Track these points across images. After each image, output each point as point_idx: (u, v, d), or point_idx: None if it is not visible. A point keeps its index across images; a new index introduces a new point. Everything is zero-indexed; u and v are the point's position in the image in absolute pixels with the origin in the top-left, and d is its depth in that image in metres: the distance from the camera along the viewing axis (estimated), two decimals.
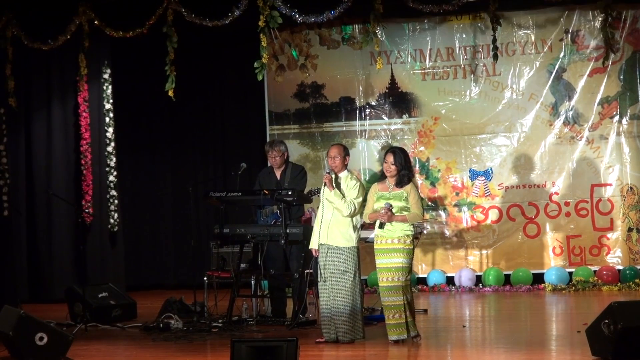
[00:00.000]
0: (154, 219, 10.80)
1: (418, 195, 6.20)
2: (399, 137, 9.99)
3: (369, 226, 6.86)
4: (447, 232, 9.88)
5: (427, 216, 9.75)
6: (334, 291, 6.25)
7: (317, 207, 6.59)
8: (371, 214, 6.25)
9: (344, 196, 6.28)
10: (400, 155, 6.19)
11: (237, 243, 7.50)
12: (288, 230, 7.00)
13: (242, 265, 7.50)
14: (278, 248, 7.24)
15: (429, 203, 9.84)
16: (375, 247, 6.27)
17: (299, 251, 7.08)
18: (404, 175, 6.16)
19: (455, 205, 9.85)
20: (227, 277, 7.64)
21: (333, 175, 6.33)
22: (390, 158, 6.18)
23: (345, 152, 6.43)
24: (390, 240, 6.15)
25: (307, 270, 7.00)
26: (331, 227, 6.27)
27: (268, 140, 9.91)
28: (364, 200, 6.42)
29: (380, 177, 6.26)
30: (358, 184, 6.37)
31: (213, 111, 10.74)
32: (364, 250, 6.58)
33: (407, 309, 6.10)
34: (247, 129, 10.61)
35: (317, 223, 6.42)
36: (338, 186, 6.32)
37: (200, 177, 10.56)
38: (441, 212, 9.83)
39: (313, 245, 6.46)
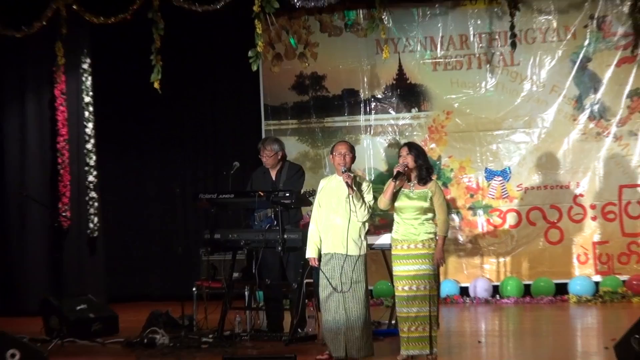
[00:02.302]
0: (137, 224, 10.79)
1: (443, 196, 6.20)
2: (407, 134, 9.98)
3: (375, 231, 6.83)
4: (461, 238, 9.86)
5: None
6: (348, 303, 6.21)
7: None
8: (385, 192, 6.16)
9: (363, 199, 6.26)
10: (415, 148, 6.22)
11: (230, 250, 7.47)
12: (286, 236, 6.96)
13: (235, 275, 7.47)
14: (274, 256, 7.21)
15: None
16: (393, 252, 6.23)
17: (297, 259, 7.03)
18: (422, 167, 6.16)
19: (470, 208, 9.84)
20: (218, 288, 7.61)
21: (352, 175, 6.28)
22: (405, 150, 6.20)
23: (354, 150, 6.43)
24: (414, 244, 6.12)
25: (307, 280, 6.96)
26: (345, 234, 6.24)
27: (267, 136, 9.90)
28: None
29: (395, 176, 6.21)
30: (370, 185, 6.39)
31: (203, 105, 10.73)
32: (369, 258, 6.54)
33: (432, 322, 6.07)
34: (240, 125, 10.60)
35: (317, 229, 6.38)
36: (357, 186, 6.29)
37: (189, 178, 10.57)
38: (454, 216, 9.80)
39: (312, 253, 6.42)
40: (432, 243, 6.11)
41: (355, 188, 6.23)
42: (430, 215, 6.14)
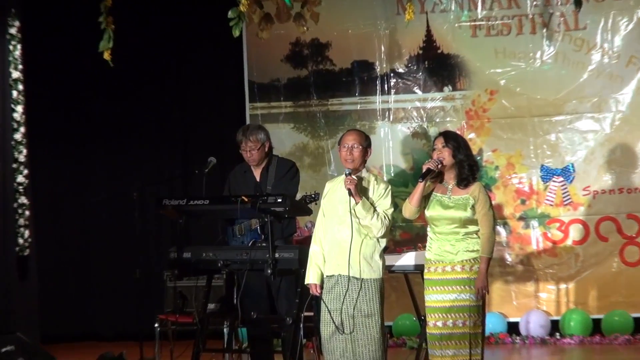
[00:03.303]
0: (82, 239, 10.83)
1: (489, 203, 6.20)
2: (438, 119, 10.02)
3: (396, 249, 6.80)
4: (509, 258, 9.88)
5: None
6: (357, 344, 6.21)
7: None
8: (412, 196, 6.19)
9: (373, 207, 6.22)
10: (454, 139, 6.25)
11: (204, 273, 7.46)
12: (277, 255, 6.94)
13: (211, 306, 7.51)
14: (261, 281, 7.21)
15: None
16: (425, 276, 6.28)
17: (292, 285, 7.02)
18: (463, 163, 6.15)
19: (521, 218, 9.88)
20: (188, 323, 7.64)
21: (355, 177, 6.27)
22: (440, 141, 6.22)
23: (367, 142, 6.46)
24: (450, 267, 6.14)
25: (305, 313, 6.93)
26: (352, 251, 6.22)
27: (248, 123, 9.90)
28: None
29: (423, 174, 6.20)
30: (389, 188, 6.39)
31: (169, 83, 10.77)
32: (388, 284, 6.52)
33: None
34: (218, 108, 10.65)
35: (320, 246, 6.38)
36: (364, 192, 6.27)
37: (150, 178, 10.53)
38: (500, 229, 9.81)
39: (313, 279, 6.42)
40: (475, 265, 6.12)
41: (361, 195, 6.21)
42: (473, 228, 6.16)
